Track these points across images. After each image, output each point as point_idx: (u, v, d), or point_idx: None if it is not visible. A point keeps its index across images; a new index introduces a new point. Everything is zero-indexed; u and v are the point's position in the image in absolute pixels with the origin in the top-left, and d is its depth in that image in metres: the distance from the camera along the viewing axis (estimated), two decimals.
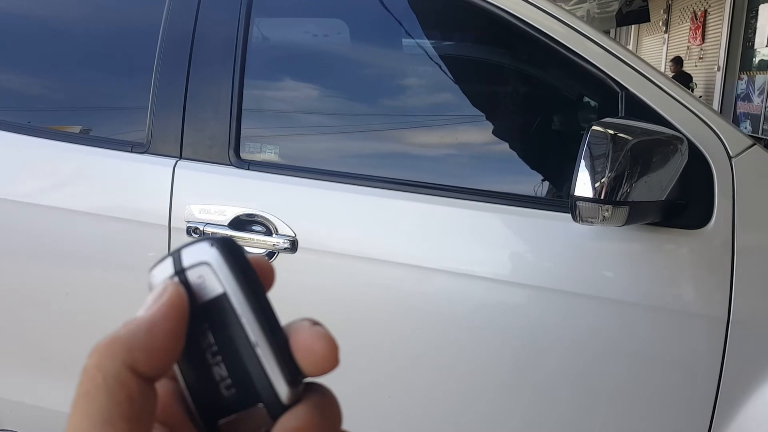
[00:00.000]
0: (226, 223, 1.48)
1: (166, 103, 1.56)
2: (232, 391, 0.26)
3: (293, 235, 1.45)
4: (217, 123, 1.53)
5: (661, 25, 11.99)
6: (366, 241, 1.47)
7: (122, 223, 1.54)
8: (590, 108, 1.62)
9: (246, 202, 1.50)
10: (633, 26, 13.33)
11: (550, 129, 1.69)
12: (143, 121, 1.57)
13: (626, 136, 1.22)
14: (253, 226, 1.48)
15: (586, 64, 1.41)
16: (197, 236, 1.48)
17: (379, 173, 1.53)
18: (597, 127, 1.22)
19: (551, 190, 1.51)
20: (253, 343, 0.26)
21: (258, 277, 0.27)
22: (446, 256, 1.43)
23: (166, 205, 1.51)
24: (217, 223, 1.48)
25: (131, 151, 1.56)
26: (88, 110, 1.73)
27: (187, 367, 0.26)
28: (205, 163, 1.53)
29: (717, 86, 8.81)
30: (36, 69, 1.78)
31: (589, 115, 1.60)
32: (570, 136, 1.63)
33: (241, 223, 1.48)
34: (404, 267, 1.44)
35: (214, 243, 0.27)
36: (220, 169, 1.52)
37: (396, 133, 1.65)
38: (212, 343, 0.26)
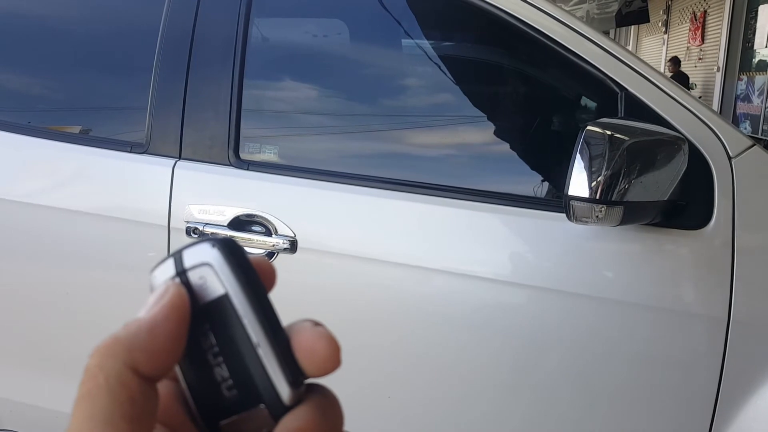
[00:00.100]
0: (225, 224, 1.48)
1: (166, 103, 1.56)
2: (233, 392, 0.26)
3: (293, 236, 1.45)
4: (217, 123, 1.53)
5: (660, 25, 11.99)
6: (366, 242, 1.47)
7: (122, 223, 1.54)
8: (590, 108, 1.62)
9: (245, 203, 1.50)
10: (632, 27, 13.33)
11: (549, 129, 1.69)
12: (143, 121, 1.57)
13: (621, 137, 1.22)
14: (253, 227, 1.48)
15: (586, 65, 1.41)
16: (197, 236, 1.48)
17: (379, 173, 1.53)
18: (591, 127, 1.22)
19: (551, 191, 1.50)
20: (255, 344, 0.26)
21: (259, 277, 0.27)
22: (446, 257, 1.43)
23: (165, 206, 1.50)
24: (217, 224, 1.48)
25: (131, 152, 1.56)
26: (88, 110, 1.73)
27: (188, 367, 0.26)
28: (205, 164, 1.53)
29: (716, 87, 8.81)
30: (36, 69, 1.78)
31: (589, 116, 1.59)
32: (569, 137, 1.62)
33: (241, 224, 1.48)
34: (404, 267, 1.44)
35: (215, 244, 0.27)
36: (220, 170, 1.52)
37: (395, 133, 1.65)
38: (214, 343, 0.26)
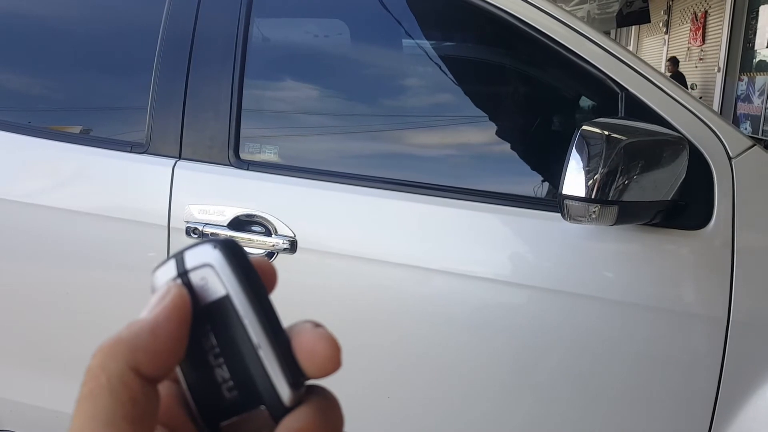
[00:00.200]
0: (225, 224, 1.48)
1: (166, 103, 1.56)
2: (234, 393, 0.26)
3: (293, 236, 1.45)
4: (217, 123, 1.53)
5: (661, 26, 11.99)
6: (365, 242, 1.47)
7: (122, 223, 1.54)
8: (590, 109, 1.62)
9: (245, 203, 1.50)
10: (633, 27, 13.33)
11: (550, 129, 1.69)
12: (143, 121, 1.57)
13: (617, 136, 1.22)
14: (253, 227, 1.48)
15: (586, 65, 1.41)
16: (196, 236, 1.48)
17: (379, 173, 1.52)
18: (587, 127, 1.22)
19: (551, 191, 1.50)
20: (256, 345, 0.26)
21: (260, 279, 0.27)
22: (446, 257, 1.43)
23: (165, 206, 1.50)
24: (217, 224, 1.48)
25: (131, 152, 1.56)
26: (88, 110, 1.73)
27: (189, 368, 0.26)
28: (205, 164, 1.53)
29: (717, 87, 8.80)
30: (36, 69, 1.78)
31: (589, 116, 1.59)
32: (570, 137, 1.62)
33: (241, 224, 1.48)
34: (404, 267, 1.44)
35: (217, 245, 0.27)
36: (220, 170, 1.52)
37: (395, 133, 1.64)
38: (214, 344, 0.26)
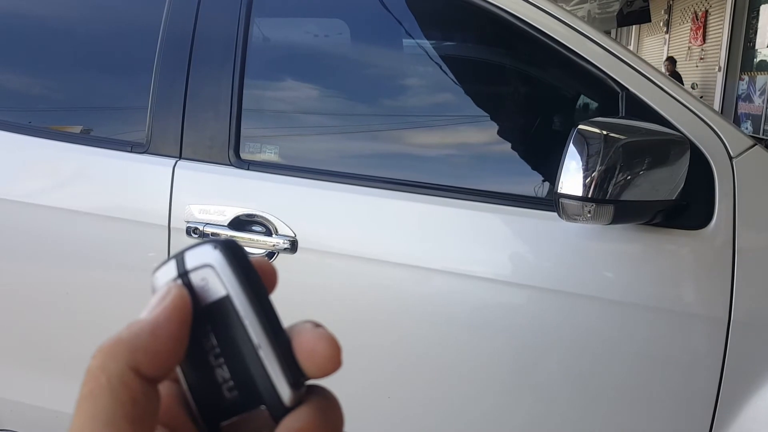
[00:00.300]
0: (225, 224, 1.48)
1: (166, 103, 1.56)
2: (234, 393, 0.26)
3: (293, 236, 1.45)
4: (217, 123, 1.53)
5: (662, 25, 11.99)
6: (366, 242, 1.47)
7: (122, 223, 1.54)
8: (591, 108, 1.62)
9: (246, 203, 1.50)
10: (634, 27, 13.33)
11: (550, 129, 1.69)
12: (143, 121, 1.57)
13: (615, 135, 1.22)
14: (253, 227, 1.48)
15: (587, 65, 1.41)
16: (197, 236, 1.48)
17: (379, 173, 1.52)
18: (583, 126, 1.22)
19: (551, 191, 1.50)
20: (256, 345, 0.26)
21: (260, 279, 0.27)
22: (446, 257, 1.43)
23: (165, 205, 1.50)
24: (217, 224, 1.48)
25: (131, 151, 1.56)
26: (89, 110, 1.73)
27: (189, 368, 0.26)
28: (205, 163, 1.53)
29: (718, 87, 8.80)
30: (36, 69, 1.78)
31: (590, 116, 1.59)
32: None
33: (241, 224, 1.48)
34: (404, 267, 1.44)
35: (217, 245, 0.27)
36: (220, 170, 1.52)
37: (395, 133, 1.64)
38: (215, 345, 0.26)
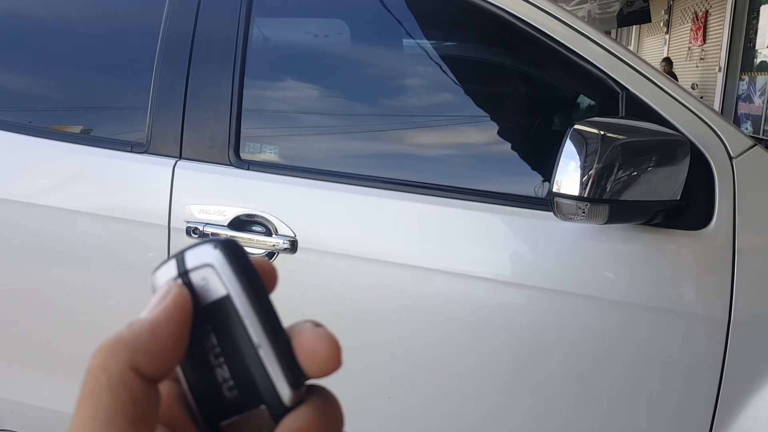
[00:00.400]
0: (225, 224, 1.48)
1: (166, 103, 1.56)
2: (234, 393, 0.26)
3: (293, 236, 1.45)
4: (217, 123, 1.53)
5: (662, 25, 11.99)
6: (366, 242, 1.47)
7: (122, 223, 1.54)
8: (591, 108, 1.62)
9: (246, 203, 1.50)
10: (634, 27, 13.33)
11: (550, 129, 1.69)
12: (143, 121, 1.57)
13: (612, 135, 1.22)
14: (253, 227, 1.48)
15: (587, 65, 1.41)
16: (197, 236, 1.48)
17: (379, 173, 1.52)
18: (579, 126, 1.22)
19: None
20: (256, 345, 0.26)
21: (261, 279, 0.27)
22: (446, 257, 1.43)
23: (165, 205, 1.50)
24: (217, 224, 1.48)
25: (131, 151, 1.56)
26: (89, 110, 1.73)
27: (189, 368, 0.26)
28: (205, 163, 1.53)
29: (718, 87, 8.80)
30: (36, 69, 1.78)
31: (590, 116, 1.59)
32: None
33: (241, 224, 1.48)
34: (404, 267, 1.44)
35: (217, 245, 0.27)
36: (220, 169, 1.52)
37: (395, 133, 1.64)
38: (215, 344, 0.26)
